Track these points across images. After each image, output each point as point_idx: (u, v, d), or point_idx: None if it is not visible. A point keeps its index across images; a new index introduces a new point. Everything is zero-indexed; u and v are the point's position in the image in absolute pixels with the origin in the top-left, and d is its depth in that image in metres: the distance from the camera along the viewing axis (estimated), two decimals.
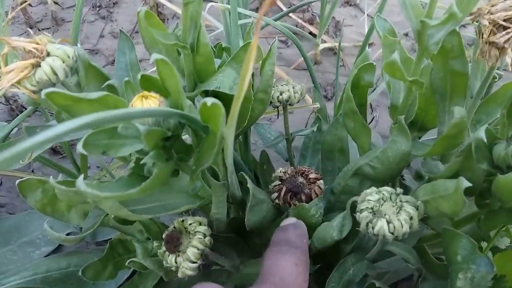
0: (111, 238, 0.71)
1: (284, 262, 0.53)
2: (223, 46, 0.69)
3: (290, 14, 1.42)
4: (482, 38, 0.49)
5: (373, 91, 1.09)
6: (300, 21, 1.42)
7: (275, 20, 0.96)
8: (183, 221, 0.59)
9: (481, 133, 0.47)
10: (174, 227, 0.58)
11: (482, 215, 0.57)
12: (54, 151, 1.12)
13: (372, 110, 1.25)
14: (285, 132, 0.77)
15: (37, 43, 0.54)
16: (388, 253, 0.62)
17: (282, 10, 1.39)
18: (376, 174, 0.63)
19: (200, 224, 0.58)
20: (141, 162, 0.50)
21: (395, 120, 0.61)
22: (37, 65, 0.54)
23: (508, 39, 0.48)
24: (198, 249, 0.56)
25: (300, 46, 0.85)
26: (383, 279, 0.80)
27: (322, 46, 1.35)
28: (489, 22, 0.48)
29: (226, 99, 0.62)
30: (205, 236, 0.57)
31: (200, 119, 0.47)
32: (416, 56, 0.56)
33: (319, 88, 0.91)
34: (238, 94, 0.42)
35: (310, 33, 1.39)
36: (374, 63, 0.64)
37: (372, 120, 1.23)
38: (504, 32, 0.48)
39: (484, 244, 0.63)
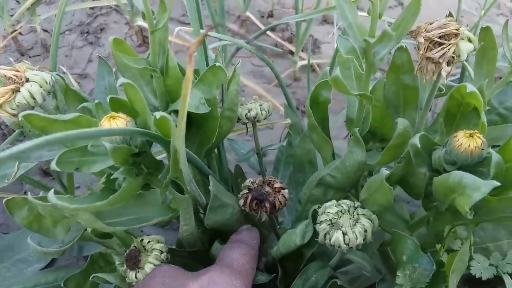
0: None
1: (233, 253, 0.62)
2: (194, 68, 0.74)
3: (270, 34, 1.47)
4: (420, 54, 0.54)
5: None
6: (279, 40, 1.47)
7: (254, 39, 1.02)
8: (141, 240, 0.64)
9: (416, 140, 0.52)
10: (135, 246, 0.63)
11: (431, 217, 0.62)
12: (45, 173, 1.17)
13: None
14: (256, 147, 0.81)
15: (17, 70, 0.59)
16: None
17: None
18: (337, 183, 0.68)
19: (158, 242, 0.64)
20: (111, 178, 0.54)
21: (351, 133, 0.66)
22: (16, 90, 0.58)
23: (443, 54, 0.52)
24: (154, 265, 0.61)
25: (270, 65, 0.89)
26: (356, 284, 0.84)
27: (300, 63, 1.40)
28: (425, 39, 0.53)
29: (195, 118, 0.67)
30: (161, 252, 0.63)
31: (161, 134, 0.52)
32: (365, 72, 0.61)
33: (292, 105, 0.96)
34: (181, 114, 0.46)
35: (290, 51, 1.44)
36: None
37: None
38: (439, 48, 0.52)
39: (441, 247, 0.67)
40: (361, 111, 0.65)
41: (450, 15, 0.57)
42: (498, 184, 0.45)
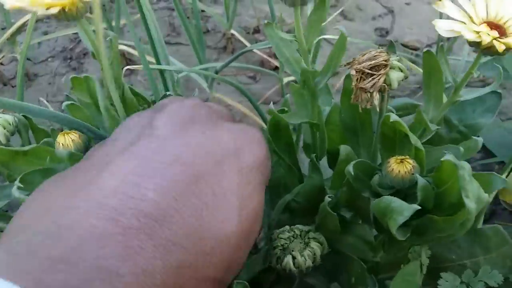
0: None
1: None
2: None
3: (255, 50, 1.47)
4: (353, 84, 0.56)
5: None
6: (265, 56, 1.47)
7: (237, 56, 1.03)
8: None
9: (350, 168, 0.55)
10: None
11: (386, 239, 0.63)
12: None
13: None
14: None
15: None
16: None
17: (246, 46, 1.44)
18: (301, 208, 0.69)
19: None
20: None
21: (309, 158, 0.67)
22: None
23: (374, 84, 0.54)
24: None
25: (244, 92, 0.91)
26: None
27: (286, 79, 1.40)
28: (356, 71, 0.55)
29: None
30: None
31: None
32: (309, 101, 0.63)
33: None
34: None
35: (276, 67, 1.44)
36: (286, 108, 0.69)
37: None
38: (370, 79, 0.54)
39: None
40: (315, 137, 0.67)
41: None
42: (419, 207, 0.49)
